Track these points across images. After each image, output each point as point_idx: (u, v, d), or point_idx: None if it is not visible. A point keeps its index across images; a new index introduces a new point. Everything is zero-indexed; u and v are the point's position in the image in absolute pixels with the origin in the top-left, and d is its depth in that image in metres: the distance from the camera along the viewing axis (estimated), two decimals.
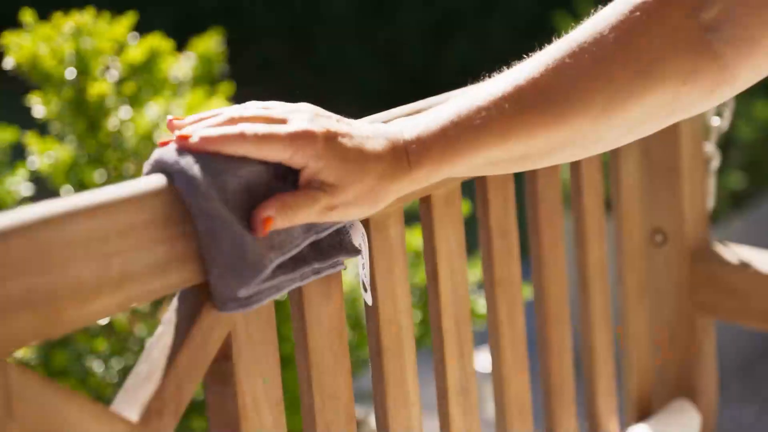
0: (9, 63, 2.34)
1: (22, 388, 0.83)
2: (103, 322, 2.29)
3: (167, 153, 0.95)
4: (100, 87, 2.29)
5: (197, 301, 0.99)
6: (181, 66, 2.57)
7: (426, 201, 1.26)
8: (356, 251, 1.09)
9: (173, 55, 2.49)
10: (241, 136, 0.96)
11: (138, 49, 2.39)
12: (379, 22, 7.02)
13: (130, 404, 0.94)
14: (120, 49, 2.42)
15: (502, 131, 1.05)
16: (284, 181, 0.99)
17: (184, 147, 0.95)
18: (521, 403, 1.41)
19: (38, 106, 2.36)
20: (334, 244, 1.07)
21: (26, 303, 0.83)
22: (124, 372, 2.27)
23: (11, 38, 2.34)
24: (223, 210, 0.94)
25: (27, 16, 2.38)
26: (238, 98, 1.00)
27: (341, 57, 6.85)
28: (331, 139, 0.99)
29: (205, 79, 2.65)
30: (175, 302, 1.00)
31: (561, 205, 1.48)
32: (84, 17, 2.36)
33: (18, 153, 2.61)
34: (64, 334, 0.90)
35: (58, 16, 2.38)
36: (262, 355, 1.04)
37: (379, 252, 1.18)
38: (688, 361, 1.70)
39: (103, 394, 2.23)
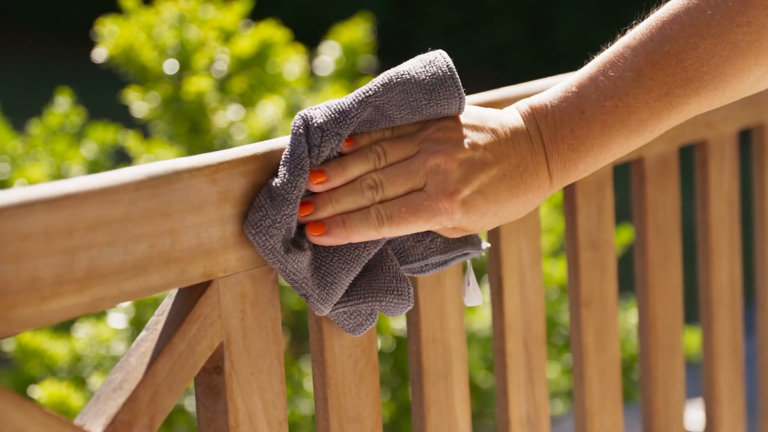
0: (101, 54, 2.38)
1: None
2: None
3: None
4: (198, 84, 2.30)
5: (184, 305, 1.04)
6: (322, 58, 2.60)
7: None
8: (481, 246, 1.16)
9: (290, 48, 2.49)
10: (378, 226, 1.06)
11: (248, 40, 2.38)
12: (628, 2, 6.92)
13: (96, 415, 0.99)
14: (229, 39, 2.42)
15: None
16: None
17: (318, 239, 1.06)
18: None
19: (137, 104, 2.39)
20: (460, 238, 1.15)
21: None
22: None
23: (107, 26, 2.37)
24: None
25: (129, 0, 2.41)
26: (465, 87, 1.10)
27: (583, 42, 6.79)
28: (468, 204, 1.07)
29: (348, 73, 2.67)
30: (162, 306, 1.05)
31: (678, 214, 1.46)
32: (190, 3, 2.37)
33: (120, 155, 2.67)
34: (15, 333, 0.95)
35: (161, 1, 2.41)
36: (263, 369, 1.08)
37: None
38: None
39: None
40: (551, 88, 1.10)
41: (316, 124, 1.05)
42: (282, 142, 1.08)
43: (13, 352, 2.36)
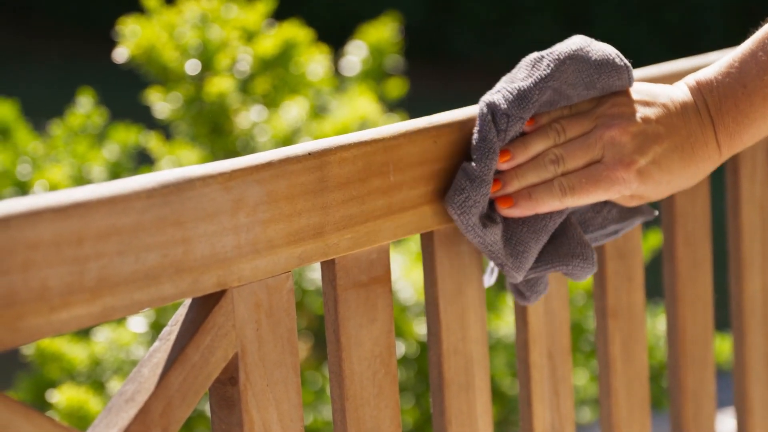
0: (122, 54, 2.37)
1: None
2: None
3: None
4: (220, 84, 2.29)
5: (198, 315, 1.02)
6: (348, 59, 2.58)
7: None
8: (652, 213, 1.27)
9: (314, 48, 2.47)
10: (561, 196, 1.15)
11: (270, 40, 2.37)
12: (664, 3, 6.86)
13: (108, 427, 0.98)
14: (251, 39, 2.40)
15: None
16: None
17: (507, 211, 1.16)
18: None
19: (159, 104, 2.37)
20: (632, 207, 1.26)
21: None
22: None
23: (128, 25, 2.36)
24: None
25: (151, 0, 2.40)
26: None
27: (623, 39, 6.74)
28: (644, 173, 1.16)
29: (375, 74, 2.66)
30: (175, 316, 1.04)
31: (708, 223, 1.44)
32: (213, 2, 2.36)
33: (142, 157, 2.66)
34: (24, 344, 0.95)
35: (183, 1, 2.40)
36: (278, 380, 1.07)
37: (446, 270, 1.18)
38: None
39: None
40: (715, 63, 1.19)
41: (501, 110, 1.14)
42: (297, 149, 1.07)
43: (32, 356, 2.36)
